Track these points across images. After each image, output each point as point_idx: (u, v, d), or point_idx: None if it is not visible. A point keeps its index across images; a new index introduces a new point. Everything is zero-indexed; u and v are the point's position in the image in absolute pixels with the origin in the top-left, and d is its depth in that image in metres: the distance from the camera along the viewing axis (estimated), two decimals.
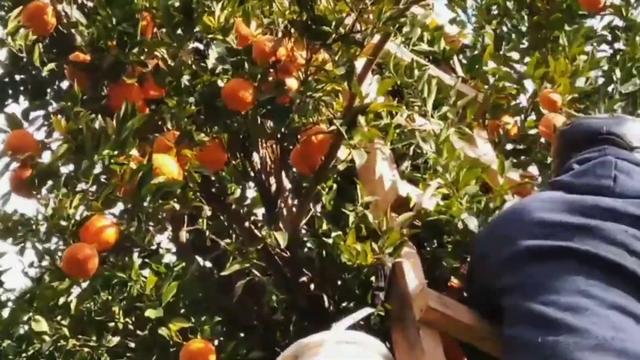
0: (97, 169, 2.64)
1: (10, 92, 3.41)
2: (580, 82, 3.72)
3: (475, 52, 4.07)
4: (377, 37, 3.03)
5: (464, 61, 4.03)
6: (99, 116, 2.66)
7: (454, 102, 3.55)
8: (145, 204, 2.61)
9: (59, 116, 2.72)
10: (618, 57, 4.01)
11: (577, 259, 2.38)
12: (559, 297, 2.30)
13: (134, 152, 2.68)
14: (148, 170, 2.59)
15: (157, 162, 2.67)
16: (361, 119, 3.04)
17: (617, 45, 4.29)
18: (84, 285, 3.31)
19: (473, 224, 2.98)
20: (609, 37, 4.31)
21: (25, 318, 3.43)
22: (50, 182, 2.70)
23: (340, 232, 2.98)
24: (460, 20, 4.35)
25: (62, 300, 3.28)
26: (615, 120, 2.88)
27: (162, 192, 2.63)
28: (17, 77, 3.42)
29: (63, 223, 2.64)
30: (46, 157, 2.84)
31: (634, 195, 2.52)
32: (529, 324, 2.33)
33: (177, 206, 2.69)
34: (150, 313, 3.09)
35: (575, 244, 2.40)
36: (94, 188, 2.72)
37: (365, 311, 2.81)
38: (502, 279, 2.54)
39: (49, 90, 3.42)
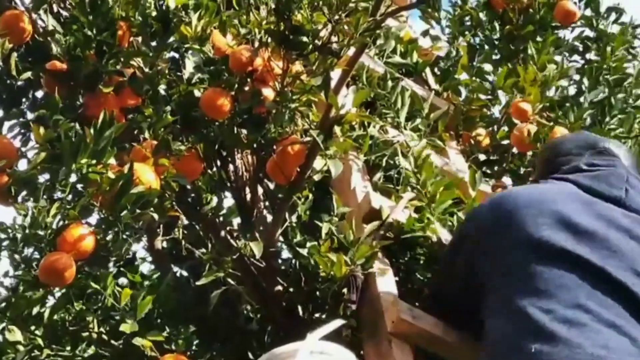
0: (74, 177, 2.63)
1: None
2: (551, 92, 3.77)
3: (449, 64, 4.10)
4: (352, 49, 3.05)
5: (438, 73, 4.06)
6: (77, 125, 2.64)
7: (427, 115, 3.58)
8: (124, 213, 2.60)
9: (42, 123, 2.70)
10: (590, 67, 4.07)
11: (584, 269, 2.34)
12: (558, 308, 2.26)
13: (112, 160, 2.67)
14: (128, 180, 2.59)
15: (136, 171, 2.67)
16: (337, 130, 3.05)
17: (588, 56, 4.35)
18: (58, 295, 3.30)
19: (445, 236, 3.01)
20: (580, 48, 4.36)
21: None
22: (27, 191, 2.69)
23: (315, 243, 2.98)
24: (432, 33, 4.37)
25: (36, 310, 3.25)
26: (607, 139, 2.91)
27: (142, 201, 2.62)
28: None
29: (40, 232, 2.63)
30: (22, 166, 2.84)
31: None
32: (523, 327, 2.28)
33: (156, 216, 2.68)
34: (124, 327, 3.07)
35: (587, 254, 2.36)
36: (70, 197, 2.71)
37: (338, 322, 2.81)
38: (501, 263, 2.46)
39: (24, 99, 3.39)
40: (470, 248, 2.63)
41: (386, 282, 2.90)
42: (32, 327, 3.27)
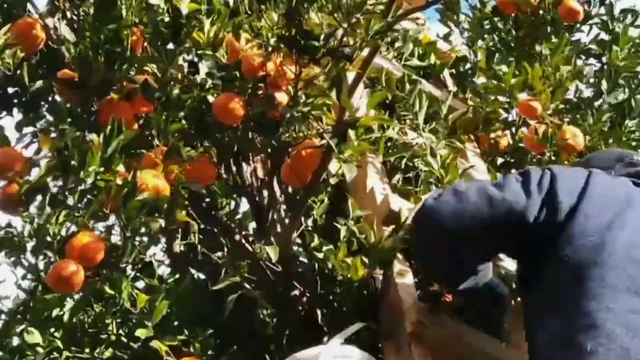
0: (83, 185, 2.65)
1: (3, 104, 3.42)
2: (569, 94, 3.74)
3: (467, 67, 4.07)
4: (366, 51, 3.04)
5: (456, 75, 4.04)
6: (86, 133, 2.67)
7: (445, 116, 3.55)
8: (130, 220, 2.61)
9: (49, 132, 2.73)
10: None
11: None
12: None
13: (121, 168, 2.68)
14: (132, 187, 2.60)
15: (142, 178, 2.68)
16: (351, 133, 3.04)
17: (604, 59, 4.30)
18: (77, 297, 3.33)
19: None
20: (597, 51, 4.32)
21: (19, 330, 3.44)
22: (38, 199, 2.71)
23: (331, 247, 2.98)
24: (449, 35, 4.36)
25: (55, 312, 3.29)
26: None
27: (147, 208, 2.63)
28: (11, 90, 3.43)
29: (49, 239, 2.65)
30: (35, 174, 2.86)
31: None
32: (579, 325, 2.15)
33: (163, 222, 2.69)
34: (140, 333, 3.09)
35: None
36: (82, 204, 2.73)
37: (358, 325, 2.81)
38: (580, 243, 2.24)
39: (42, 102, 3.43)
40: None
41: (406, 284, 2.89)
42: (52, 329, 3.31)
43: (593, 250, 2.22)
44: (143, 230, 2.74)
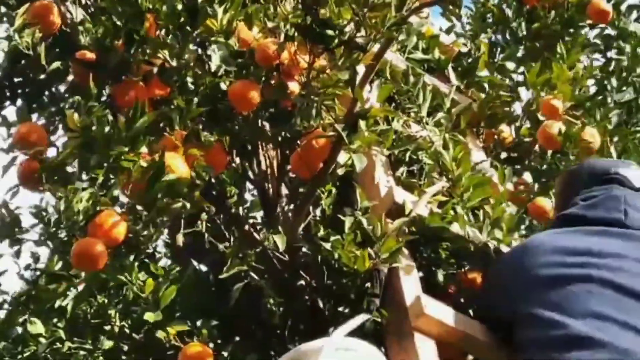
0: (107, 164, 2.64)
1: (7, 94, 3.39)
2: (577, 90, 3.77)
3: (470, 60, 4.09)
4: (378, 43, 3.05)
5: (459, 69, 4.05)
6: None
7: (448, 110, 3.57)
8: (155, 202, 2.60)
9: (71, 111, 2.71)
10: (612, 65, 4.05)
11: (592, 283, 2.47)
12: (575, 321, 2.38)
13: (143, 149, 2.67)
14: (161, 168, 2.59)
15: (168, 160, 2.67)
16: (362, 124, 3.05)
17: (609, 54, 4.36)
18: (81, 288, 3.30)
19: (474, 232, 3.01)
20: (602, 46, 4.36)
21: (22, 320, 3.42)
22: (58, 177, 2.70)
23: (338, 237, 2.98)
24: (451, 27, 4.38)
25: (58, 302, 3.26)
26: (622, 163, 3.02)
27: (173, 190, 2.62)
28: (15, 80, 3.39)
29: (74, 217, 2.63)
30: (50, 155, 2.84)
31: None
32: (554, 337, 2.40)
33: (188, 205, 2.69)
34: (148, 317, 3.06)
35: (590, 270, 2.49)
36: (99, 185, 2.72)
37: (363, 317, 2.81)
38: (518, 308, 2.60)
39: (46, 93, 3.40)
40: (495, 302, 2.83)
41: (410, 277, 2.90)
42: (54, 320, 3.29)
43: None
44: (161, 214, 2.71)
